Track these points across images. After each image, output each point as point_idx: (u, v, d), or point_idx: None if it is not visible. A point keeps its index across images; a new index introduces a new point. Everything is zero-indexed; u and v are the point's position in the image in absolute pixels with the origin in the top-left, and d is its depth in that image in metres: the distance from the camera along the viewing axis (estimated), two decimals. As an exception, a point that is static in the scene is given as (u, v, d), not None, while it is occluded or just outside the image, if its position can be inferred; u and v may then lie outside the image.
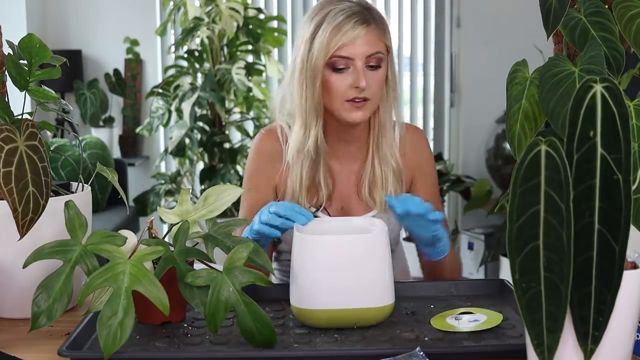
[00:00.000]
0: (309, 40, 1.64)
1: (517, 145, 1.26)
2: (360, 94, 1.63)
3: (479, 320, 1.32)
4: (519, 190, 0.92)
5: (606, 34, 1.24)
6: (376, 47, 1.63)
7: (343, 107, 1.65)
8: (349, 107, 1.64)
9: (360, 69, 1.62)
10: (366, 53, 1.62)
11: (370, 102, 1.65)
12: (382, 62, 1.65)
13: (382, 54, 1.64)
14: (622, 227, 0.91)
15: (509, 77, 1.30)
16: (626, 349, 1.01)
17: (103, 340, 1.13)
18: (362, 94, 1.63)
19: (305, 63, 1.65)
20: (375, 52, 1.63)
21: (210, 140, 4.22)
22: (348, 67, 1.63)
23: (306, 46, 1.65)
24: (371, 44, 1.63)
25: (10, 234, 1.30)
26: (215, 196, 1.39)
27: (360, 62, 1.62)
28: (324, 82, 1.65)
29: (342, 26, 1.61)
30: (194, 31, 4.10)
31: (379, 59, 1.64)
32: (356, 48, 1.62)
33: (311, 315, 1.31)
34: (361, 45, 1.62)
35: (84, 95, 4.71)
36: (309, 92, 1.66)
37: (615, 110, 0.91)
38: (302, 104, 1.68)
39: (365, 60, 1.63)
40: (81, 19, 4.79)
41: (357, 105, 1.64)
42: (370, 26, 1.63)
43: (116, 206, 4.30)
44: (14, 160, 1.29)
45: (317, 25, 1.64)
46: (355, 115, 1.65)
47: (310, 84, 1.65)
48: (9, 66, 1.40)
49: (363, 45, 1.62)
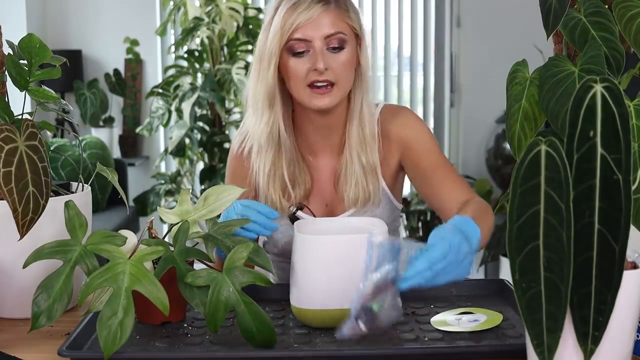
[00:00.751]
0: (267, 25, 1.57)
1: (517, 145, 1.26)
2: (321, 76, 1.53)
3: (479, 320, 1.31)
4: (519, 190, 0.92)
5: (606, 34, 1.24)
6: (336, 27, 1.54)
7: (306, 93, 1.56)
8: (311, 92, 1.55)
9: (319, 51, 1.53)
10: (324, 34, 1.53)
11: (336, 87, 1.55)
12: (345, 43, 1.55)
13: (343, 34, 1.54)
14: (622, 227, 0.91)
15: (509, 77, 1.30)
16: (626, 349, 1.01)
17: (103, 340, 1.13)
18: (322, 77, 1.53)
19: (262, 48, 1.57)
20: (335, 33, 1.53)
21: (210, 140, 4.22)
22: (308, 50, 1.54)
23: (264, 32, 1.58)
24: (330, 24, 1.53)
25: (10, 234, 1.30)
26: (215, 196, 1.39)
27: (319, 43, 1.53)
28: (284, 68, 1.56)
29: (297, 6, 1.53)
30: (194, 31, 4.10)
31: (341, 40, 1.54)
32: (313, 29, 1.53)
33: (311, 315, 1.31)
34: (318, 25, 1.53)
35: (84, 95, 4.71)
36: (260, 76, 1.58)
37: (615, 110, 0.91)
38: (255, 91, 1.60)
39: (324, 41, 1.53)
40: (81, 19, 4.79)
41: (320, 92, 1.54)
42: (328, 5, 1.54)
43: (116, 206, 4.30)
44: (14, 160, 1.28)
45: (275, 8, 1.57)
46: (320, 101, 1.55)
47: (265, 69, 1.57)
48: (9, 66, 1.40)
49: (320, 26, 1.53)
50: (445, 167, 1.66)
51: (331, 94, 1.55)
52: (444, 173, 1.65)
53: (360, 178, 1.63)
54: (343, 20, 1.56)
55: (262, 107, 1.60)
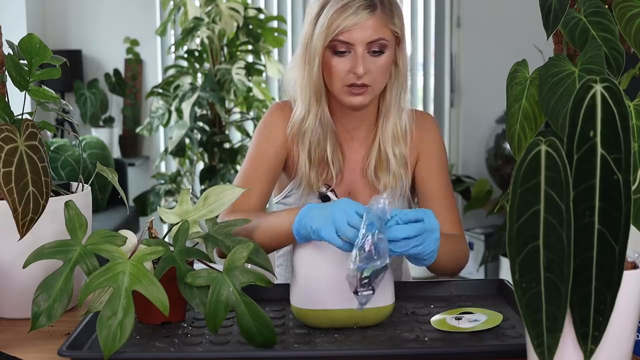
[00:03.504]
0: (313, 19, 1.61)
1: (517, 145, 1.26)
2: (359, 80, 1.59)
3: (479, 320, 1.31)
4: (519, 190, 0.92)
5: (606, 34, 1.24)
6: (379, 33, 1.58)
7: (342, 91, 1.62)
8: (348, 91, 1.61)
9: (360, 55, 1.58)
10: (367, 39, 1.57)
11: (370, 88, 1.61)
12: (385, 48, 1.60)
13: (385, 40, 1.59)
14: (622, 227, 0.91)
15: (509, 77, 1.30)
16: (626, 349, 1.01)
17: (103, 340, 1.13)
18: (360, 80, 1.59)
19: (308, 43, 1.62)
20: (378, 39, 1.58)
21: (210, 140, 4.22)
22: (349, 51, 1.59)
23: (310, 26, 1.62)
24: (374, 30, 1.57)
25: (10, 234, 1.30)
26: (215, 196, 1.39)
27: (361, 48, 1.58)
28: (325, 63, 1.62)
29: (344, 10, 1.57)
30: (194, 31, 4.10)
31: (382, 46, 1.59)
32: (357, 34, 1.57)
33: (311, 316, 1.31)
34: (362, 31, 1.57)
35: (84, 95, 4.71)
36: (307, 72, 1.64)
37: (615, 110, 0.91)
38: (302, 82, 1.66)
39: (366, 46, 1.58)
40: (81, 19, 4.79)
41: (356, 92, 1.60)
42: (374, 11, 1.57)
43: (116, 206, 4.30)
44: (14, 160, 1.28)
45: (323, 5, 1.60)
46: (354, 100, 1.62)
47: (310, 64, 1.62)
48: (9, 66, 1.40)
49: (365, 31, 1.57)
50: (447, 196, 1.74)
51: (365, 94, 1.62)
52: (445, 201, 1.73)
53: (395, 168, 1.70)
54: (386, 25, 1.60)
55: (310, 101, 1.67)
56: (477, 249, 4.56)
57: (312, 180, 1.69)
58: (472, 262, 4.52)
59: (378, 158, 1.71)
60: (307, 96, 1.66)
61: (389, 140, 1.70)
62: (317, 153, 1.69)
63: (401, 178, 1.71)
